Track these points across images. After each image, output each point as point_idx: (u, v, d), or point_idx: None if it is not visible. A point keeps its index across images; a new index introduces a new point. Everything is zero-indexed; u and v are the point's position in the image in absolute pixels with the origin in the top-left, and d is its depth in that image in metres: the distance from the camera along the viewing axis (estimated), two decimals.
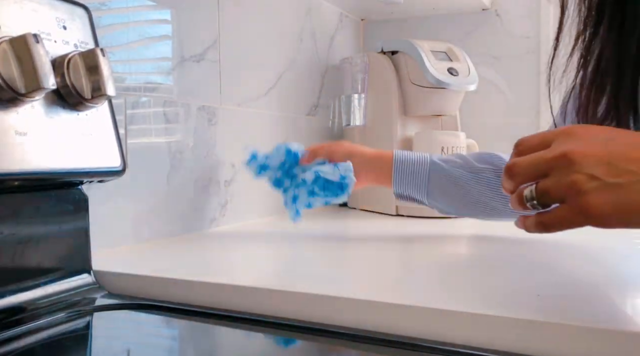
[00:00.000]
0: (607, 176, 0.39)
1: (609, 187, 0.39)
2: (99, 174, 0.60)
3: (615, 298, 0.53)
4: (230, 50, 0.96)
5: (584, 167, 0.40)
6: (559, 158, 0.41)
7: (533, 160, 0.44)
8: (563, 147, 0.42)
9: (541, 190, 0.43)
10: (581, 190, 0.40)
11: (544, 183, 0.43)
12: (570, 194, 0.41)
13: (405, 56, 1.15)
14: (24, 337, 0.49)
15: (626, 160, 0.40)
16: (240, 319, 0.53)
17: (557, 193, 0.42)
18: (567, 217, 0.42)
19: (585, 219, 0.41)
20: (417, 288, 0.58)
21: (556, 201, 0.43)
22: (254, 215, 1.04)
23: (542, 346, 0.43)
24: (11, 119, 0.50)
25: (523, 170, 0.44)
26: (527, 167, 0.44)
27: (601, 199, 0.39)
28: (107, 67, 0.57)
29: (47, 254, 0.57)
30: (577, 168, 0.40)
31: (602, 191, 0.39)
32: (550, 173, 0.42)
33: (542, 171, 0.43)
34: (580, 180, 0.40)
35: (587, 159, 0.40)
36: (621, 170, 0.39)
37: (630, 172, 0.39)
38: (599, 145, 0.41)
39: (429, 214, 1.10)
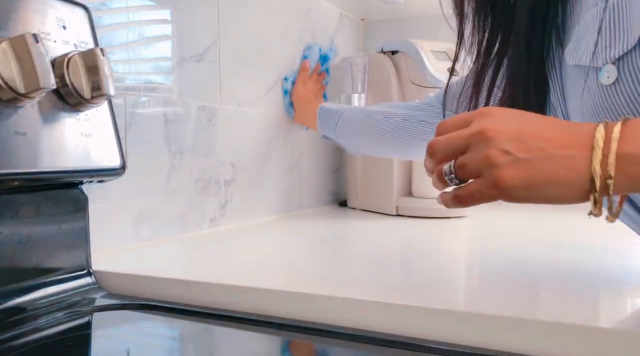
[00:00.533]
0: (519, 151, 0.42)
1: (520, 161, 0.42)
2: (99, 174, 0.60)
3: (615, 298, 0.53)
4: (230, 50, 0.96)
5: (498, 143, 0.43)
6: (476, 135, 0.44)
7: (451, 137, 0.46)
8: (480, 125, 0.44)
9: (459, 165, 0.46)
10: (495, 163, 0.43)
11: (462, 159, 0.45)
12: (485, 168, 0.43)
13: (405, 56, 1.15)
14: (24, 337, 0.49)
15: (536, 138, 0.42)
16: (240, 319, 0.53)
17: (473, 167, 0.44)
18: (481, 189, 0.44)
19: (497, 192, 0.43)
20: (417, 288, 0.58)
21: (472, 175, 0.45)
22: (254, 215, 1.04)
23: (542, 346, 0.43)
24: (11, 119, 0.50)
25: (442, 148, 0.47)
26: (446, 144, 0.47)
27: (512, 172, 0.42)
28: (106, 67, 0.57)
29: (47, 254, 0.57)
30: (492, 144, 0.43)
31: (514, 165, 0.42)
32: (468, 150, 0.45)
33: (460, 148, 0.46)
34: (494, 154, 0.43)
35: (501, 135, 0.43)
36: (531, 147, 0.42)
37: (539, 149, 0.42)
38: (513, 124, 0.44)
39: (429, 214, 1.11)
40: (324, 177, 1.30)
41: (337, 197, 1.34)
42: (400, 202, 1.15)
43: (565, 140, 0.42)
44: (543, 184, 0.42)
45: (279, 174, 1.12)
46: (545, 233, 0.90)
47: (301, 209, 1.19)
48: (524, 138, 0.43)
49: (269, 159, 1.09)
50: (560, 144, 0.42)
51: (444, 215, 1.10)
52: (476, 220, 1.11)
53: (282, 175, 1.12)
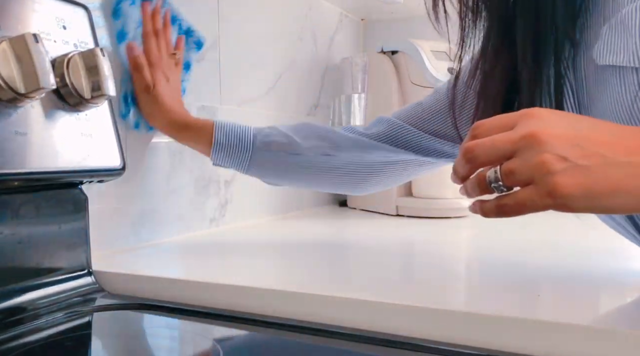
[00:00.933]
0: (577, 158, 0.39)
1: (579, 168, 0.39)
2: (99, 174, 0.60)
3: (616, 298, 0.53)
4: (230, 50, 0.96)
5: (554, 148, 0.39)
6: (527, 137, 0.40)
7: (496, 140, 0.42)
8: (529, 127, 0.40)
9: (506, 171, 0.41)
10: (550, 170, 0.39)
11: (510, 164, 0.41)
12: (539, 175, 0.39)
13: (405, 56, 1.15)
14: (24, 337, 0.49)
15: (595, 143, 0.39)
16: (240, 319, 0.53)
17: (524, 173, 0.40)
18: (533, 198, 0.40)
19: (552, 201, 0.39)
20: (418, 288, 0.58)
21: (521, 183, 0.41)
22: (254, 215, 1.04)
23: (542, 346, 0.43)
24: (11, 119, 0.50)
25: (486, 152, 0.42)
26: (489, 147, 0.42)
27: (570, 180, 0.38)
28: (106, 67, 0.57)
29: (47, 254, 0.57)
30: (546, 148, 0.39)
31: (572, 172, 0.39)
32: (516, 154, 0.41)
33: (506, 152, 0.41)
34: (550, 160, 0.39)
35: (556, 140, 0.39)
36: (590, 152, 0.39)
37: (598, 155, 0.39)
38: (567, 126, 0.40)
39: (429, 214, 1.11)
40: None
41: (337, 197, 1.34)
42: (400, 202, 1.15)
43: (627, 145, 0.39)
44: (607, 194, 0.38)
45: None
46: (546, 233, 0.90)
47: (301, 209, 1.19)
48: (582, 142, 0.39)
49: None
50: (622, 150, 0.38)
51: (444, 215, 1.11)
52: (476, 220, 1.11)
53: None
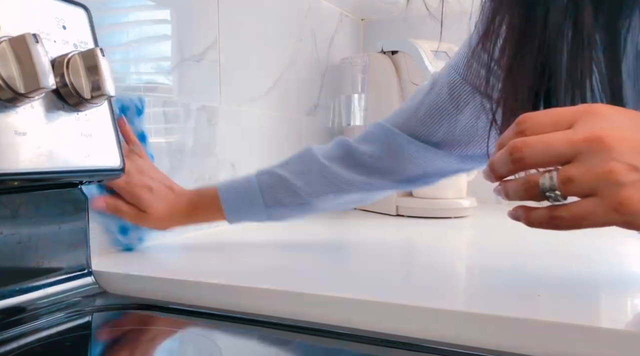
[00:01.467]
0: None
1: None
2: (99, 174, 0.59)
3: (616, 298, 0.53)
4: (230, 50, 0.96)
5: (623, 155, 0.34)
6: (591, 140, 0.34)
7: (553, 140, 0.36)
8: (593, 129, 0.35)
9: (565, 178, 0.35)
10: (619, 181, 0.34)
11: (570, 171, 0.35)
12: (604, 186, 0.34)
13: (405, 56, 1.15)
14: (24, 337, 0.49)
15: None
16: (240, 319, 0.53)
17: (586, 183, 0.35)
18: (597, 212, 0.35)
19: (619, 217, 0.35)
20: (418, 288, 0.58)
21: (583, 193, 0.36)
22: None
23: (542, 346, 0.43)
24: (11, 119, 0.50)
25: (537, 153, 0.36)
26: (543, 148, 0.36)
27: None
28: (106, 66, 0.57)
29: (47, 254, 0.57)
30: (614, 155, 0.34)
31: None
32: (576, 159, 0.35)
33: (564, 156, 0.35)
34: (619, 169, 0.33)
35: (626, 145, 0.34)
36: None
37: None
38: (635, 128, 0.34)
39: (429, 214, 1.11)
40: None
41: None
42: (400, 202, 1.15)
43: None
44: None
45: None
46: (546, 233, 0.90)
47: None
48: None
49: (269, 159, 1.08)
50: None
51: (444, 215, 1.11)
52: (476, 220, 1.11)
53: None
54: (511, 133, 0.39)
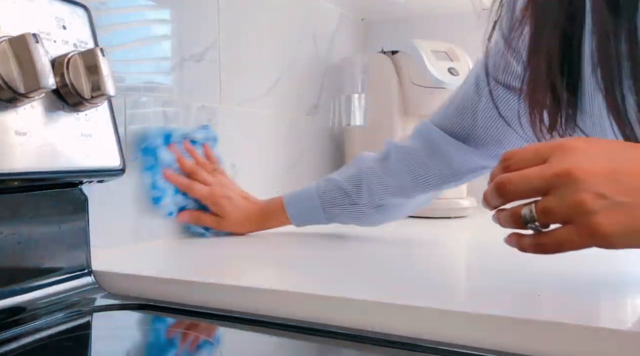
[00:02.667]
0: (616, 194, 0.37)
1: (618, 205, 0.37)
2: (99, 174, 0.59)
3: (616, 298, 0.53)
4: (230, 50, 0.96)
5: (591, 185, 0.37)
6: (562, 175, 0.38)
7: (530, 176, 0.40)
8: (564, 163, 0.39)
9: (543, 210, 0.40)
10: (589, 209, 0.37)
11: (546, 203, 0.40)
12: (577, 214, 0.38)
13: (405, 56, 1.15)
14: (23, 337, 0.49)
15: (634, 176, 0.37)
16: (240, 319, 0.53)
17: (560, 213, 0.39)
18: (572, 238, 0.39)
19: (594, 241, 0.38)
20: (417, 288, 0.58)
21: (559, 221, 0.40)
22: None
23: (542, 346, 0.43)
24: (11, 119, 0.50)
25: (518, 188, 0.41)
26: (523, 183, 0.40)
27: (610, 219, 0.37)
28: (106, 66, 0.57)
29: (47, 254, 0.57)
30: (583, 187, 0.37)
31: (611, 210, 0.37)
32: (551, 191, 0.39)
33: (540, 188, 0.40)
34: (587, 199, 0.37)
35: (593, 177, 0.37)
36: (631, 188, 0.37)
37: (638, 190, 0.37)
38: (603, 161, 0.38)
39: (429, 214, 1.11)
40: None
41: None
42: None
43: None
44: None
45: (279, 174, 1.12)
46: None
47: None
48: (620, 177, 0.37)
49: (269, 159, 1.09)
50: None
51: (444, 215, 1.10)
52: (476, 219, 1.11)
53: (282, 175, 1.12)
54: (499, 168, 0.43)
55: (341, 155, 1.33)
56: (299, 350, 0.49)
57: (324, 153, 1.29)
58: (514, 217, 0.43)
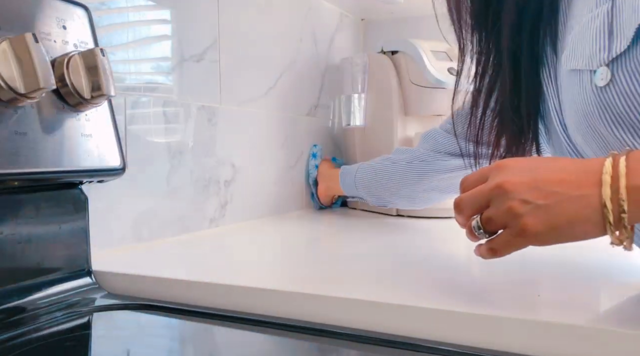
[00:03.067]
0: (537, 199, 0.44)
1: (540, 208, 0.44)
2: (99, 174, 0.60)
3: (616, 298, 0.53)
4: (230, 50, 0.96)
5: (517, 194, 0.45)
6: (494, 189, 0.47)
7: (474, 194, 0.49)
8: (497, 179, 0.47)
9: (485, 219, 0.48)
10: (517, 213, 0.45)
11: (487, 213, 0.48)
12: (509, 219, 0.45)
13: (405, 56, 1.15)
14: (24, 337, 0.49)
15: (550, 183, 0.44)
16: (240, 319, 0.53)
17: (498, 220, 0.47)
18: (510, 239, 0.46)
19: (525, 239, 0.45)
20: (417, 288, 0.58)
21: (499, 227, 0.48)
22: (254, 215, 1.04)
23: (542, 346, 0.43)
24: (11, 119, 0.50)
25: (467, 204, 0.50)
26: (470, 200, 0.49)
27: (535, 219, 0.44)
28: (106, 67, 0.57)
29: (47, 254, 0.57)
30: (511, 196, 0.45)
31: (535, 212, 0.44)
32: (491, 203, 0.47)
33: (483, 203, 0.48)
34: (515, 205, 0.45)
35: (517, 187, 0.45)
36: (547, 192, 0.44)
37: (555, 193, 0.44)
38: (527, 173, 0.46)
39: (429, 214, 1.11)
40: None
41: None
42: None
43: (578, 180, 0.44)
44: (566, 226, 0.44)
45: (279, 174, 1.12)
46: None
47: (301, 209, 1.19)
48: (539, 185, 0.45)
49: (269, 159, 1.09)
50: (574, 185, 0.44)
51: (444, 215, 1.10)
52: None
53: (282, 175, 1.12)
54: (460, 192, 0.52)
55: (341, 155, 1.33)
56: (299, 350, 0.49)
57: (324, 154, 1.29)
58: (468, 229, 0.51)
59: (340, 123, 1.31)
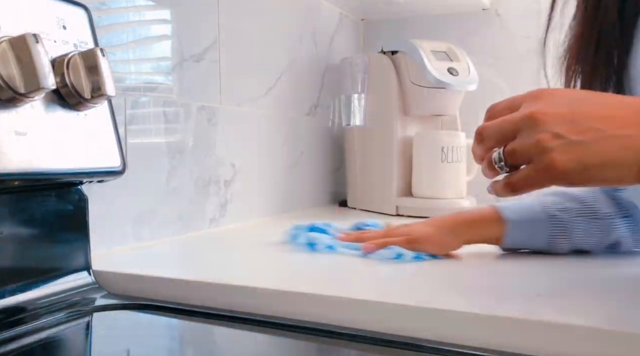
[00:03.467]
0: (571, 133, 0.40)
1: (573, 144, 0.40)
2: (99, 174, 0.59)
3: (616, 298, 0.53)
4: (230, 50, 0.96)
5: (548, 126, 0.41)
6: (525, 118, 0.42)
7: (501, 122, 0.44)
8: (529, 108, 0.42)
9: (508, 151, 0.43)
10: (546, 147, 0.41)
11: (512, 145, 0.43)
12: (536, 153, 0.41)
13: (405, 56, 1.15)
14: (24, 337, 0.49)
15: (590, 118, 0.40)
16: (240, 319, 0.53)
17: (523, 153, 0.42)
18: (533, 175, 0.42)
19: (551, 177, 0.41)
20: (417, 288, 0.58)
21: (523, 161, 0.43)
22: (254, 215, 1.04)
23: (543, 347, 0.43)
24: (11, 119, 0.50)
25: (491, 133, 0.45)
26: (495, 129, 0.44)
27: (565, 156, 0.40)
28: (106, 67, 0.57)
29: (47, 254, 0.57)
30: (542, 128, 0.41)
31: (566, 148, 0.40)
32: (518, 134, 0.43)
33: (509, 133, 0.43)
34: (545, 138, 0.41)
35: (551, 118, 0.41)
36: (585, 128, 0.40)
37: (593, 129, 0.40)
38: (565, 105, 0.42)
39: (429, 214, 1.10)
40: (324, 177, 1.30)
41: (337, 197, 1.34)
42: (400, 202, 1.15)
43: (622, 118, 0.40)
44: (599, 166, 0.40)
45: (279, 174, 1.12)
46: None
47: (301, 209, 1.19)
48: (577, 119, 0.40)
49: (269, 159, 1.09)
50: (619, 123, 0.40)
51: None
52: None
53: (282, 175, 1.12)
54: (484, 119, 0.47)
55: (341, 155, 1.33)
56: (299, 350, 0.49)
57: (324, 153, 1.29)
58: (487, 162, 0.46)
59: (340, 123, 1.31)
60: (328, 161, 1.31)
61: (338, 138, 1.34)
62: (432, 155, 1.12)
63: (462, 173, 1.14)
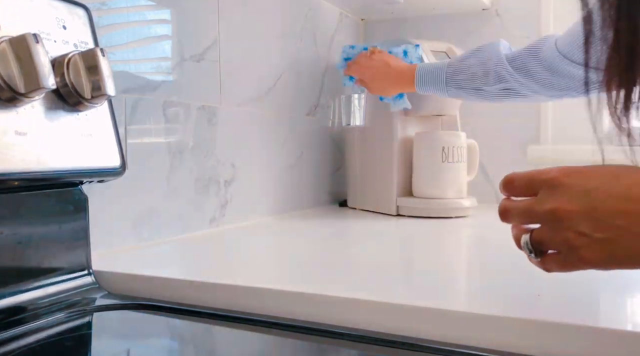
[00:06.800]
0: (595, 231, 0.41)
1: (599, 241, 0.41)
2: (99, 174, 0.60)
3: (616, 298, 0.53)
4: (230, 50, 0.96)
5: (573, 224, 0.42)
6: (548, 214, 0.43)
7: (524, 210, 0.46)
8: (550, 203, 0.43)
9: (536, 241, 0.45)
10: (573, 246, 0.42)
11: (539, 235, 0.45)
12: (565, 248, 0.43)
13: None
14: (24, 337, 0.49)
15: (611, 215, 0.41)
16: (240, 319, 0.53)
17: (552, 244, 0.45)
18: (567, 266, 0.44)
19: (582, 267, 0.43)
20: (418, 288, 0.58)
21: (552, 249, 0.45)
22: (254, 215, 1.04)
23: (543, 347, 0.43)
24: (11, 119, 0.50)
25: (515, 218, 0.47)
26: (518, 215, 0.46)
27: (593, 253, 0.41)
28: (106, 66, 0.57)
29: (47, 254, 0.57)
30: (566, 225, 0.42)
31: (593, 246, 0.41)
32: (542, 224, 0.45)
33: (533, 221, 0.46)
34: (570, 237, 0.42)
35: (573, 215, 0.42)
36: (608, 225, 0.41)
37: (616, 227, 0.41)
38: (584, 199, 0.42)
39: (429, 214, 1.11)
40: (324, 177, 1.30)
41: (337, 197, 1.34)
42: (400, 202, 1.15)
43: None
44: (626, 258, 0.41)
45: (279, 174, 1.12)
46: None
47: (301, 209, 1.19)
48: (599, 215, 0.41)
49: (269, 159, 1.09)
50: (638, 219, 0.40)
51: (444, 215, 1.10)
52: (477, 219, 1.11)
53: (282, 175, 1.12)
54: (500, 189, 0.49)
55: (341, 155, 1.33)
56: (299, 350, 0.49)
57: (324, 153, 1.29)
58: (517, 241, 0.48)
59: (340, 123, 1.31)
60: (328, 161, 1.31)
61: (338, 139, 1.34)
62: (432, 155, 1.12)
63: (462, 173, 1.14)
